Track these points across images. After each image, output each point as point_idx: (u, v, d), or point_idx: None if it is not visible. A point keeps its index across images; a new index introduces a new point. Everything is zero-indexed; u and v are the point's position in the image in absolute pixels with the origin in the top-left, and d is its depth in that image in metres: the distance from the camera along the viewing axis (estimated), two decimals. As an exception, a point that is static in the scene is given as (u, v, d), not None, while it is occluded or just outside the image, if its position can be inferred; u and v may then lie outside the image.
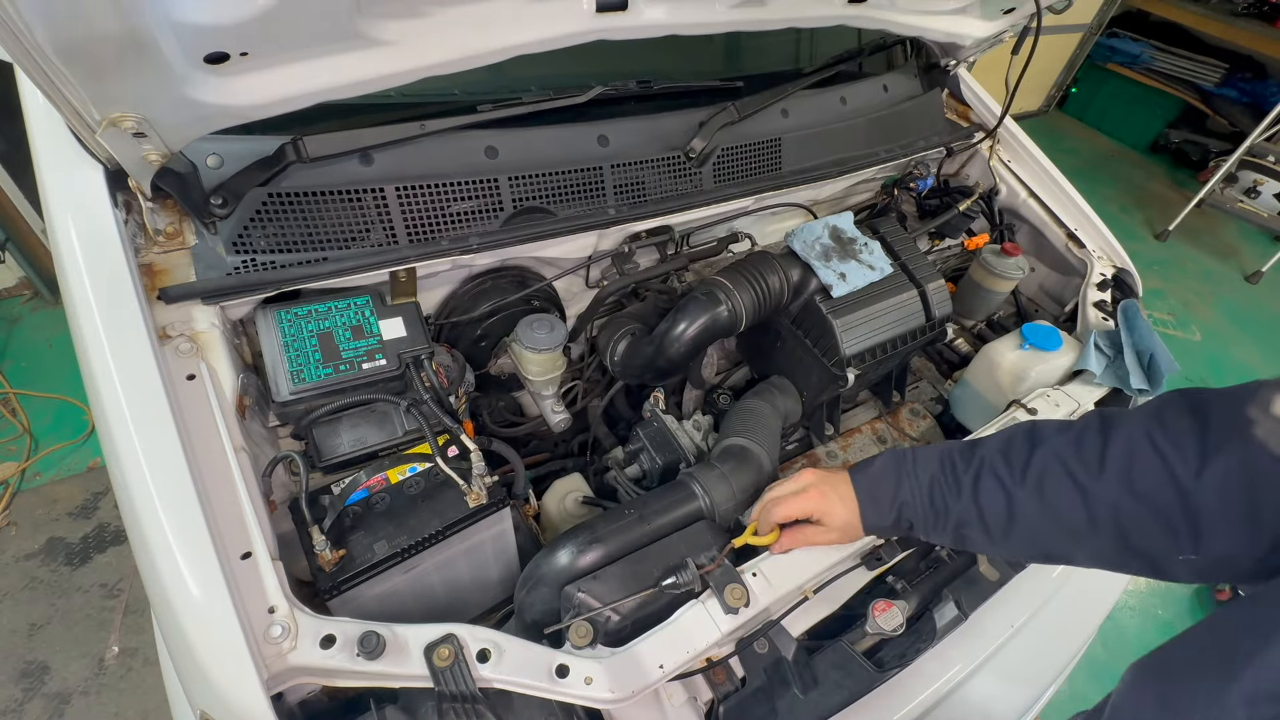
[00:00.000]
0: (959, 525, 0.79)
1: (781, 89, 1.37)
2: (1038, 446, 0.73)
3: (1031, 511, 0.72)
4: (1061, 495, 0.69)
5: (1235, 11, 4.65)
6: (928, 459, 0.83)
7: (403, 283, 1.08)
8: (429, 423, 0.97)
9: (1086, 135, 5.79)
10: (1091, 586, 1.28)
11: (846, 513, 0.87)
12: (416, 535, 0.89)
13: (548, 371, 1.26)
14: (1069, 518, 0.69)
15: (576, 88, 1.17)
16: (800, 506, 0.89)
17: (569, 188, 1.17)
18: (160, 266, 0.94)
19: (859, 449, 1.36)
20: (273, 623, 0.74)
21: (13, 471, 2.31)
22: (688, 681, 0.91)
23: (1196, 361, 3.60)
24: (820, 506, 0.88)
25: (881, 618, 0.95)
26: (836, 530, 0.88)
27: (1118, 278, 1.55)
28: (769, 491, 0.95)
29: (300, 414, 0.98)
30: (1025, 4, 1.41)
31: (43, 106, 0.92)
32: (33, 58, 0.61)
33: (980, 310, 1.69)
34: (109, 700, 1.82)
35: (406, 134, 1.03)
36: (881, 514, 0.85)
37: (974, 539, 0.78)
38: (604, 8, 0.97)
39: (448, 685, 0.73)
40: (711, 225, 1.42)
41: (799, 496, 0.89)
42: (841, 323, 1.20)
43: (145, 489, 0.75)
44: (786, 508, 0.89)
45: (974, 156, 1.79)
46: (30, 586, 2.04)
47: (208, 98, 0.76)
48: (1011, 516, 0.73)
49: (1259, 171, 4.37)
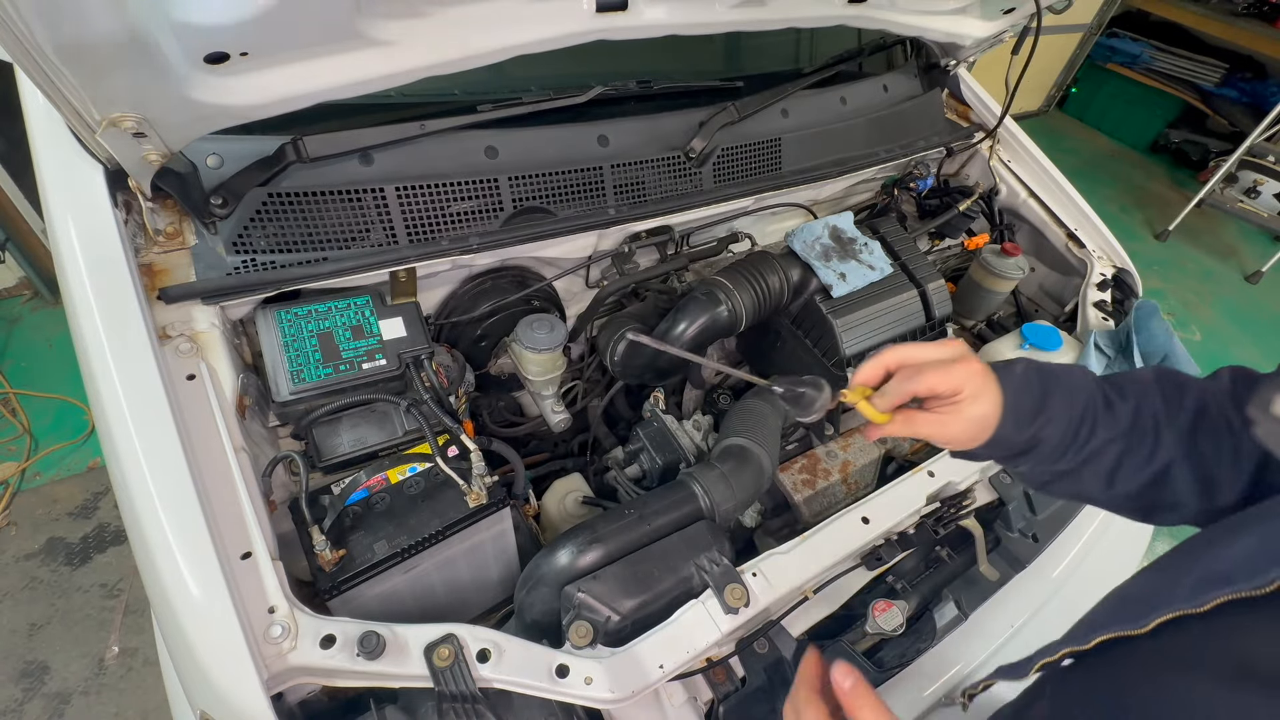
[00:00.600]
0: (1090, 458, 0.68)
1: (781, 89, 1.37)
2: (1186, 395, 0.69)
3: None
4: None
5: (1235, 11, 4.65)
6: (1080, 379, 0.71)
7: (403, 283, 1.08)
8: (429, 423, 0.97)
9: (1086, 135, 5.79)
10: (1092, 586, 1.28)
11: (990, 406, 0.67)
12: (416, 535, 0.89)
13: (548, 371, 1.26)
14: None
15: (576, 88, 1.17)
16: (949, 381, 0.65)
17: (569, 188, 1.17)
18: (160, 266, 0.94)
19: (859, 449, 1.36)
20: (273, 623, 0.74)
21: (13, 471, 2.31)
22: (688, 681, 0.91)
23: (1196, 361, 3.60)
24: (974, 385, 0.66)
25: (881, 618, 0.95)
26: (964, 423, 0.67)
27: (1118, 278, 1.55)
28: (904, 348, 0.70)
29: (300, 414, 0.98)
30: (1025, 4, 1.41)
31: (43, 106, 0.92)
32: (33, 58, 0.61)
33: (980, 310, 1.69)
34: (109, 700, 1.82)
35: (406, 134, 1.03)
36: (1020, 425, 0.68)
37: (1094, 476, 0.69)
38: (604, 8, 0.97)
39: (448, 685, 0.73)
40: (711, 225, 1.42)
41: (950, 367, 0.66)
42: (842, 323, 1.20)
43: (145, 489, 0.75)
44: (934, 378, 0.66)
45: (974, 156, 1.79)
46: (30, 586, 2.04)
47: (208, 98, 0.76)
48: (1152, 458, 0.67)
49: (1259, 171, 4.36)
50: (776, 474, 1.13)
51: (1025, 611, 1.14)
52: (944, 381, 0.66)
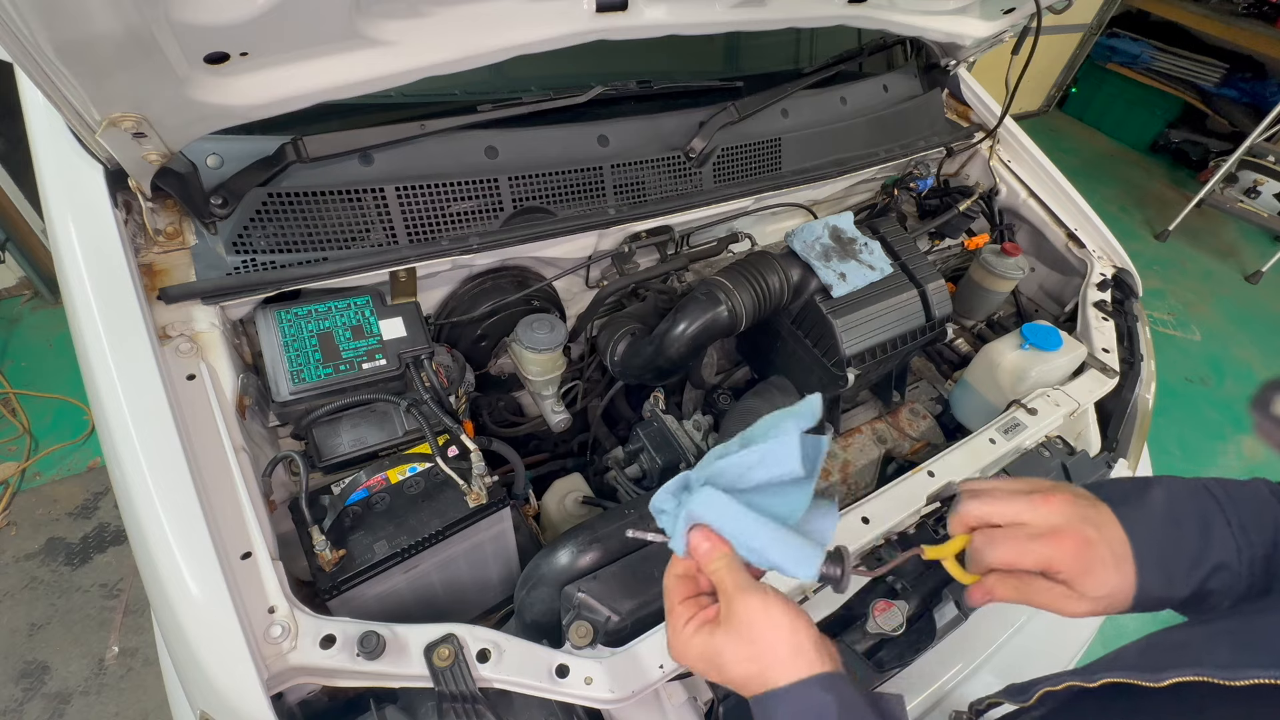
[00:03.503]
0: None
1: (781, 89, 1.37)
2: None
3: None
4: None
5: (1235, 11, 4.65)
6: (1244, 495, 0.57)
7: (403, 283, 1.08)
8: (429, 423, 0.97)
9: (1086, 135, 5.79)
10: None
11: (1118, 577, 0.54)
12: (416, 535, 0.89)
13: (548, 371, 1.26)
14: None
15: (576, 88, 1.17)
16: (1043, 555, 0.55)
17: (569, 188, 1.17)
18: (160, 266, 0.94)
19: (859, 449, 1.36)
20: (273, 623, 0.74)
21: (13, 471, 2.31)
22: (688, 681, 0.91)
23: (1196, 361, 3.60)
24: (1078, 565, 0.54)
25: (881, 618, 0.95)
26: (1092, 601, 0.54)
27: (1118, 278, 1.55)
28: (985, 498, 0.59)
29: (300, 414, 0.98)
30: (1025, 4, 1.41)
31: (43, 106, 0.93)
32: (33, 58, 0.61)
33: (980, 310, 1.69)
34: (109, 700, 1.82)
35: (406, 134, 1.03)
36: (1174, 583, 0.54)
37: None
38: (604, 8, 0.97)
39: (448, 685, 0.73)
40: (711, 225, 1.42)
41: (1044, 540, 0.55)
42: (842, 323, 1.20)
43: (145, 489, 0.75)
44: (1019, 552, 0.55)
45: (974, 156, 1.79)
46: (30, 586, 2.04)
47: (208, 98, 0.76)
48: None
49: (1259, 171, 4.37)
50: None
51: (1025, 611, 1.14)
52: (1029, 559, 0.55)
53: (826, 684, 0.51)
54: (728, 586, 0.56)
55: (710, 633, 0.56)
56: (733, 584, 0.56)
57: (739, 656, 0.54)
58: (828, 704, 0.50)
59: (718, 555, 0.57)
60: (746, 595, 0.55)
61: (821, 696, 0.50)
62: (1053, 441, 1.21)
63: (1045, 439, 1.22)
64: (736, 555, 0.57)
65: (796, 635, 0.54)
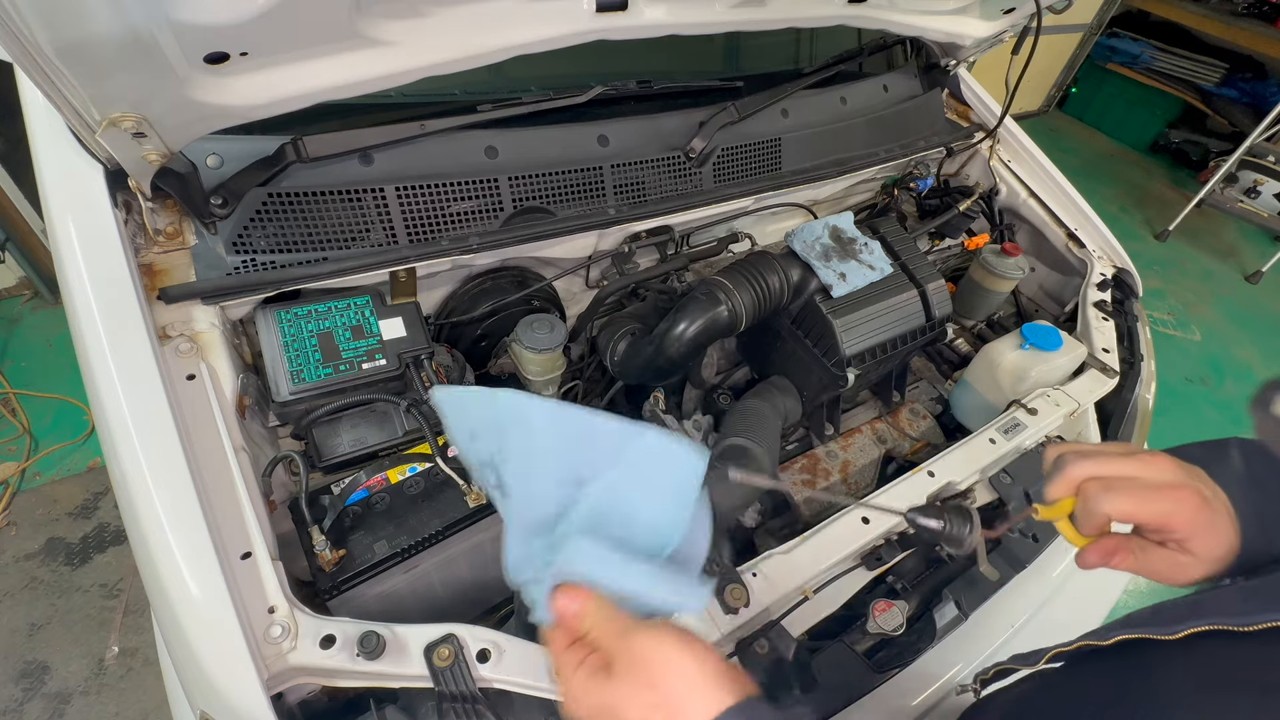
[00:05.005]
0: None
1: (781, 89, 1.37)
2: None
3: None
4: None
5: (1235, 11, 4.65)
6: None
7: (403, 283, 1.08)
8: (429, 423, 0.97)
9: (1086, 135, 5.79)
10: (1091, 586, 1.28)
11: (1232, 535, 0.53)
12: (416, 535, 0.89)
13: (548, 371, 1.26)
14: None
15: (576, 88, 1.17)
16: (1163, 509, 0.53)
17: (569, 188, 1.17)
18: (160, 266, 0.94)
19: (859, 449, 1.36)
20: (273, 623, 0.74)
21: (13, 471, 2.31)
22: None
23: (1196, 361, 3.60)
24: (1196, 521, 0.53)
25: (881, 618, 0.95)
26: (1207, 564, 0.54)
27: (1118, 278, 1.55)
28: (1101, 458, 0.56)
29: (300, 414, 0.98)
30: (1025, 4, 1.41)
31: (43, 106, 0.92)
32: (33, 58, 0.61)
33: (980, 310, 1.69)
34: (109, 700, 1.82)
35: (406, 134, 1.03)
36: (1273, 540, 0.54)
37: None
38: (604, 8, 0.97)
39: (448, 685, 0.73)
40: (711, 225, 1.42)
41: (1160, 493, 0.53)
42: (841, 323, 1.20)
43: (145, 489, 0.75)
44: (1139, 500, 0.53)
45: (974, 156, 1.79)
46: (30, 586, 2.04)
47: (208, 98, 0.76)
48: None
49: (1259, 171, 4.36)
50: (776, 474, 1.13)
51: (1025, 611, 1.14)
52: (1143, 507, 0.53)
53: (744, 713, 0.47)
54: (609, 636, 0.50)
55: (603, 683, 0.49)
56: (614, 631, 0.50)
57: (640, 705, 0.47)
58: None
59: (589, 608, 0.51)
60: (632, 636, 0.49)
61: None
62: (1053, 441, 1.21)
63: (1045, 439, 1.22)
64: (605, 600, 0.52)
65: (700, 669, 0.48)
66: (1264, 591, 0.46)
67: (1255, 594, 0.46)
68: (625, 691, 0.48)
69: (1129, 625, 0.51)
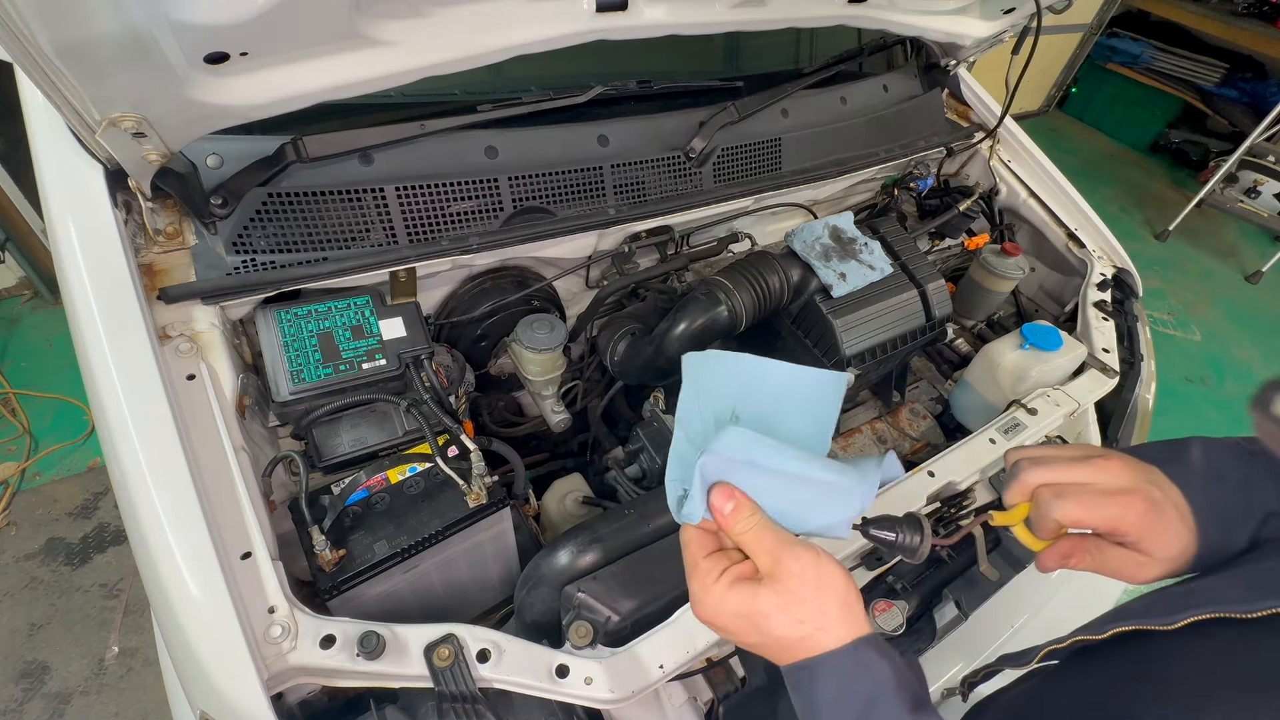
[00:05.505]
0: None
1: (781, 89, 1.37)
2: None
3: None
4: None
5: (1235, 11, 4.65)
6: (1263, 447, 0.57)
7: (403, 283, 1.08)
8: (429, 423, 0.97)
9: (1086, 135, 5.79)
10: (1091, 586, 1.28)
11: (1186, 535, 0.54)
12: (416, 535, 0.89)
13: (548, 371, 1.26)
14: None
15: (576, 88, 1.17)
16: (1112, 514, 0.54)
17: (569, 188, 1.17)
18: (160, 266, 0.94)
19: (859, 449, 1.36)
20: (273, 623, 0.74)
21: (13, 471, 2.31)
22: (688, 681, 0.91)
23: (1196, 361, 3.60)
24: (1146, 524, 0.54)
25: (881, 618, 0.95)
26: (1162, 563, 0.55)
27: (1118, 278, 1.55)
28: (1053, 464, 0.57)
29: (300, 414, 0.98)
30: (1025, 4, 1.41)
31: (43, 106, 0.92)
32: (33, 58, 0.61)
33: (980, 310, 1.69)
34: (109, 700, 1.82)
35: (406, 134, 1.03)
36: (1231, 536, 0.54)
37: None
38: (604, 8, 0.97)
39: (448, 685, 0.73)
40: (711, 225, 1.42)
41: (1113, 499, 0.54)
42: (842, 323, 1.20)
43: (145, 489, 0.75)
44: (1088, 507, 0.55)
45: (974, 156, 1.79)
46: (30, 586, 2.04)
47: (208, 98, 0.76)
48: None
49: (1259, 171, 4.37)
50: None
51: (1025, 611, 1.14)
52: (1098, 517, 0.54)
53: (877, 646, 0.48)
54: (769, 543, 0.51)
55: (750, 590, 0.50)
56: (775, 540, 0.51)
57: (789, 617, 0.49)
58: (882, 670, 0.47)
59: (746, 512, 0.52)
60: (795, 549, 0.51)
61: (876, 660, 0.48)
62: (1053, 441, 1.21)
63: (1045, 439, 1.22)
64: (762, 512, 0.53)
65: (852, 593, 0.50)
66: (1268, 579, 0.46)
67: (1260, 582, 0.46)
68: (777, 602, 0.49)
69: (1123, 618, 0.51)
